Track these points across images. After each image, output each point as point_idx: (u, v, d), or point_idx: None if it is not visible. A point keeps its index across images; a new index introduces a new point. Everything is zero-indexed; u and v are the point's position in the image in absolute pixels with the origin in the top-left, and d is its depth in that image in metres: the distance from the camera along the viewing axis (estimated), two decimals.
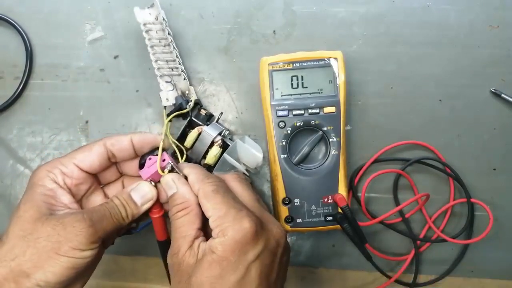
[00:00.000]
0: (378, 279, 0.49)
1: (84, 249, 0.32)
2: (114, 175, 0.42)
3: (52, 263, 0.31)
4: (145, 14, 0.46)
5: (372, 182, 0.47)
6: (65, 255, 0.32)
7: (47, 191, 0.35)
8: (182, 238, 0.34)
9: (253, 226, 0.33)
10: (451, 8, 0.49)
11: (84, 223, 0.33)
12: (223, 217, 0.33)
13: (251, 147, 0.45)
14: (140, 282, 0.50)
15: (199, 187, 0.35)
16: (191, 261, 0.33)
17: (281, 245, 0.35)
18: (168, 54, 0.46)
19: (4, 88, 0.50)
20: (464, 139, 0.49)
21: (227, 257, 0.32)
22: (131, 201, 0.37)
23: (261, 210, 0.36)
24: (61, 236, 0.32)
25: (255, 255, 0.32)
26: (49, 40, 0.51)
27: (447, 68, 0.49)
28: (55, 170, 0.36)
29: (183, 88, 0.47)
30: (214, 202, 0.34)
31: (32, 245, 0.32)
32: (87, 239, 0.32)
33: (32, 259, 0.31)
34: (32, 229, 0.32)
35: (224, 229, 0.32)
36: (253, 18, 0.50)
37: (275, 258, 0.34)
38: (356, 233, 0.43)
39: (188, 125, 0.45)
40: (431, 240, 0.48)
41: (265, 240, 0.33)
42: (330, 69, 0.44)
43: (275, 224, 0.36)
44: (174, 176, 0.37)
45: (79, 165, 0.37)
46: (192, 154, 0.44)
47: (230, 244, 0.32)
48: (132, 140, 0.39)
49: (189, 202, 0.35)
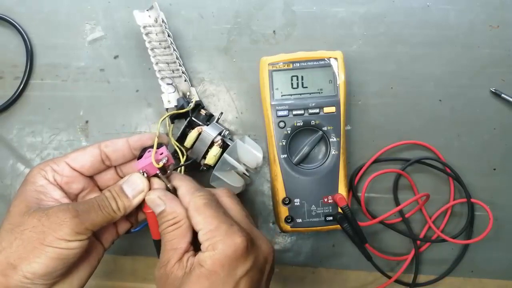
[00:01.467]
0: (378, 279, 0.49)
1: (69, 240, 0.32)
2: (113, 179, 0.41)
3: (37, 253, 0.31)
4: (145, 16, 0.46)
5: (372, 182, 0.47)
6: (50, 245, 0.31)
7: (38, 187, 0.35)
8: (173, 250, 0.34)
9: (244, 242, 0.32)
10: (451, 8, 0.49)
11: (68, 213, 0.32)
12: (213, 231, 0.33)
13: (251, 147, 0.45)
14: (140, 282, 0.50)
15: (190, 200, 0.35)
16: (179, 273, 0.32)
17: (269, 262, 0.35)
18: (168, 56, 0.46)
19: (4, 88, 0.50)
20: (464, 139, 0.49)
21: (216, 271, 0.31)
22: (122, 194, 0.36)
23: (250, 226, 0.36)
24: (45, 227, 0.32)
25: (244, 271, 0.32)
26: (49, 40, 0.51)
27: (447, 68, 0.49)
28: (47, 167, 0.37)
29: (184, 89, 0.47)
30: (205, 215, 0.34)
31: (19, 237, 0.32)
32: (72, 229, 0.32)
33: (18, 251, 0.31)
34: (19, 222, 0.32)
35: (215, 243, 0.32)
36: (253, 18, 0.50)
37: (262, 275, 0.34)
38: (356, 233, 0.43)
39: (188, 125, 0.45)
40: (431, 240, 0.48)
41: (254, 257, 0.33)
42: (330, 69, 0.44)
43: (263, 240, 0.36)
44: (159, 193, 0.36)
45: (69, 163, 0.37)
46: (192, 154, 0.44)
47: (220, 258, 0.31)
48: (128, 141, 0.39)
49: (180, 217, 0.35)
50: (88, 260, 0.37)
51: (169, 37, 0.46)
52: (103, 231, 0.39)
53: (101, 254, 0.38)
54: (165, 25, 0.46)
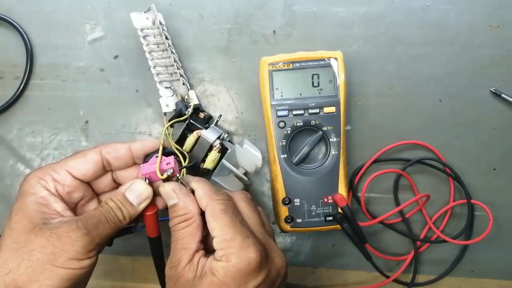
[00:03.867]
0: (378, 279, 0.49)
1: (81, 259, 0.31)
2: (109, 184, 0.40)
3: (48, 275, 0.30)
4: (142, 18, 0.46)
5: (372, 182, 0.47)
6: (62, 267, 0.31)
7: (39, 199, 0.34)
8: (183, 250, 0.33)
9: (258, 257, 0.32)
10: (451, 8, 0.49)
11: (79, 231, 0.31)
12: (229, 241, 0.32)
13: (250, 150, 0.45)
14: (140, 282, 0.50)
15: (208, 204, 0.34)
16: (189, 276, 0.32)
17: (281, 275, 0.35)
18: (166, 59, 0.46)
19: (4, 88, 0.50)
20: (464, 139, 0.49)
21: (227, 283, 0.31)
22: (126, 202, 0.35)
23: (265, 237, 0.35)
24: (56, 247, 0.31)
25: (255, 286, 0.32)
26: (49, 40, 0.51)
27: (447, 68, 0.49)
28: (47, 176, 0.35)
29: (183, 93, 0.47)
30: (222, 223, 0.33)
31: (27, 258, 0.30)
32: (84, 248, 0.31)
33: (27, 273, 0.30)
34: (25, 241, 0.31)
35: (228, 254, 0.32)
36: (253, 18, 0.50)
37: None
38: (356, 233, 0.43)
39: (187, 128, 0.45)
40: (431, 241, 0.48)
41: (267, 271, 0.33)
42: (330, 69, 0.44)
43: (278, 253, 0.35)
44: (174, 185, 0.35)
45: (72, 172, 0.36)
46: (191, 158, 0.44)
47: (232, 271, 0.31)
48: (130, 148, 0.38)
49: (191, 214, 0.34)
50: None
51: (167, 39, 0.45)
52: None
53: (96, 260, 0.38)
54: (162, 27, 0.46)
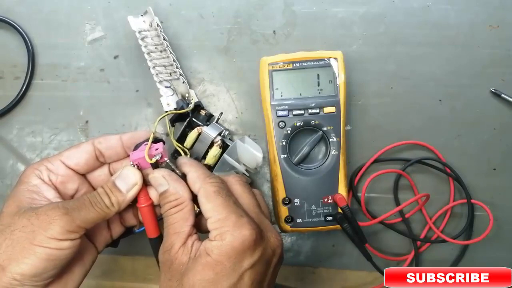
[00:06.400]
0: (378, 279, 0.49)
1: (60, 239, 0.31)
2: (106, 178, 0.40)
3: (26, 254, 0.30)
4: (140, 21, 0.46)
5: (372, 182, 0.47)
6: (40, 245, 0.31)
7: (31, 187, 0.35)
8: (176, 234, 0.33)
9: (253, 235, 0.32)
10: (451, 8, 0.49)
11: (58, 210, 0.32)
12: (223, 221, 0.32)
13: (251, 147, 0.45)
14: (140, 282, 0.50)
15: (200, 186, 0.34)
16: (184, 259, 0.32)
17: (277, 255, 0.35)
18: (165, 59, 0.46)
19: (4, 88, 0.51)
20: (464, 139, 0.49)
21: (222, 262, 0.31)
22: (115, 189, 0.35)
23: (260, 217, 0.36)
24: (35, 226, 0.31)
25: (250, 264, 0.32)
26: (49, 40, 0.51)
27: (447, 68, 0.49)
28: (41, 167, 0.36)
29: (183, 91, 0.47)
30: (215, 203, 0.33)
31: (8, 237, 0.31)
32: (62, 227, 0.31)
33: (7, 252, 0.31)
34: (10, 222, 0.32)
35: (223, 233, 0.32)
36: (253, 18, 0.50)
37: (269, 267, 0.34)
38: (356, 233, 0.43)
39: (188, 125, 0.45)
40: (431, 241, 0.48)
41: (262, 249, 0.33)
42: (330, 69, 0.44)
43: (273, 232, 0.35)
44: (164, 172, 0.35)
45: (65, 162, 0.37)
46: (192, 155, 0.44)
47: (227, 249, 0.31)
48: (121, 138, 0.39)
49: (183, 198, 0.34)
50: (81, 262, 0.36)
51: (164, 40, 0.46)
52: (96, 232, 0.38)
53: (94, 256, 0.38)
54: (160, 28, 0.46)
